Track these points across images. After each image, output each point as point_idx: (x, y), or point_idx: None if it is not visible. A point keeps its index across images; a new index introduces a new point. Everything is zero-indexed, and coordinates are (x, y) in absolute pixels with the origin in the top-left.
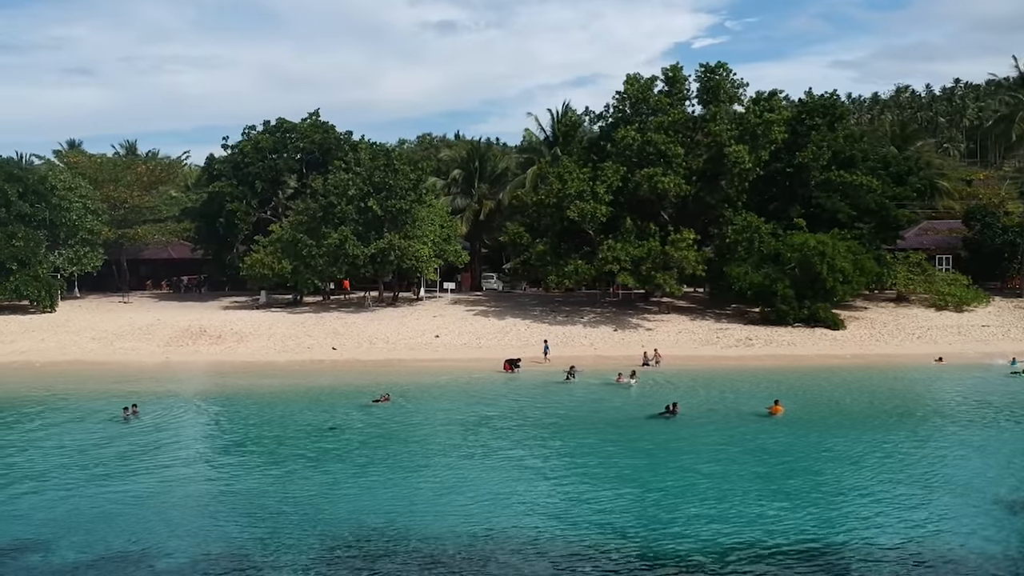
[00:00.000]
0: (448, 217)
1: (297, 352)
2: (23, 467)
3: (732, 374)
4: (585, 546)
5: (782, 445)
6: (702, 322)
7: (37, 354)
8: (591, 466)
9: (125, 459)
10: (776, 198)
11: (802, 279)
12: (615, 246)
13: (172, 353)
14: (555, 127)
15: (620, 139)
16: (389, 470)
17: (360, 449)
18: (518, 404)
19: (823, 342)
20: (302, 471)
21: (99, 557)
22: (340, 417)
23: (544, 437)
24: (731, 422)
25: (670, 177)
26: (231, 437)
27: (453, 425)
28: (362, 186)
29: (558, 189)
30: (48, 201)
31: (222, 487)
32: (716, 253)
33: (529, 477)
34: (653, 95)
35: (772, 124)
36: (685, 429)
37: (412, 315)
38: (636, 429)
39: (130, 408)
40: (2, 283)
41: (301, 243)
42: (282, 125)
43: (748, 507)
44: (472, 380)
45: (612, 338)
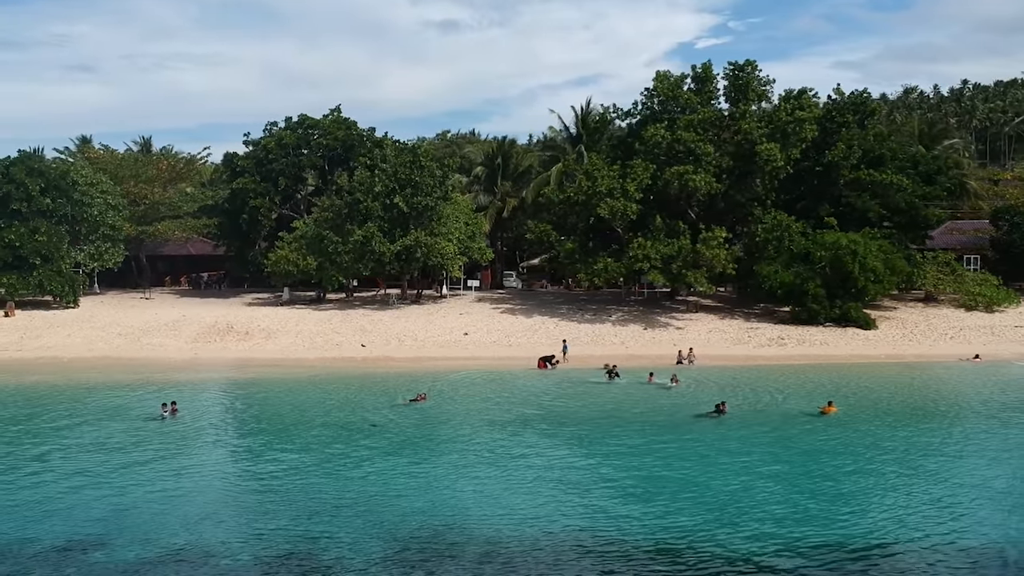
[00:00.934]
0: (473, 214)
1: (326, 349)
2: (69, 466)
3: (770, 373)
4: (654, 548)
5: (842, 445)
6: (732, 321)
7: (63, 349)
8: (649, 467)
9: (170, 457)
10: (804, 196)
11: (833, 278)
12: (645, 244)
13: (200, 349)
14: (578, 125)
15: (649, 137)
16: (440, 469)
17: (406, 448)
18: (558, 403)
19: (856, 342)
20: (351, 470)
21: (160, 555)
22: (380, 416)
23: (592, 437)
24: (784, 422)
25: (701, 175)
26: (274, 435)
27: (497, 425)
28: (388, 182)
29: (588, 187)
30: (69, 196)
31: (274, 485)
32: (745, 252)
33: (583, 478)
34: (683, 93)
35: (804, 122)
36: (737, 430)
37: (438, 313)
38: (687, 429)
39: (169, 405)
40: (25, 278)
41: (327, 239)
42: (304, 121)
43: (817, 508)
44: (507, 378)
45: (642, 337)
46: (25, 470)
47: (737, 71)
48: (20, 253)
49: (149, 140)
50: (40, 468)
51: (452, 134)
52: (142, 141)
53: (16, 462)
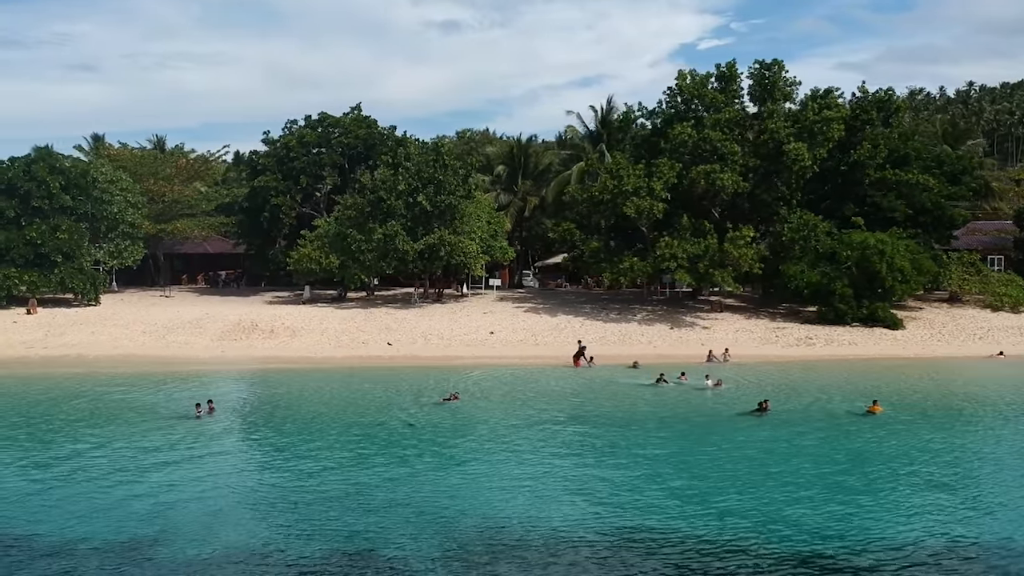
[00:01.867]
0: (495, 213)
1: (353, 348)
2: (110, 465)
3: (805, 372)
4: (717, 548)
5: (897, 445)
6: (757, 321)
7: (89, 347)
8: (699, 467)
9: (212, 455)
10: (828, 196)
11: (859, 278)
12: (672, 243)
13: (226, 347)
14: (599, 124)
15: (676, 135)
16: (487, 468)
17: (448, 448)
18: (595, 402)
19: (884, 342)
20: (396, 468)
21: (218, 554)
22: (415, 415)
23: (635, 436)
24: (830, 422)
25: (728, 174)
26: (313, 434)
27: (536, 424)
28: (411, 181)
29: (613, 186)
30: (89, 194)
31: (322, 483)
32: (770, 251)
33: (633, 478)
34: (708, 92)
35: (831, 121)
36: (784, 429)
37: (462, 311)
38: (732, 429)
39: (205, 404)
40: (47, 275)
41: (350, 238)
42: (325, 119)
43: (877, 511)
44: (539, 377)
45: (669, 336)
46: (65, 468)
47: (764, 70)
48: (42, 251)
49: (163, 139)
50: (80, 466)
51: (471, 132)
52: (156, 140)
53: (57, 461)
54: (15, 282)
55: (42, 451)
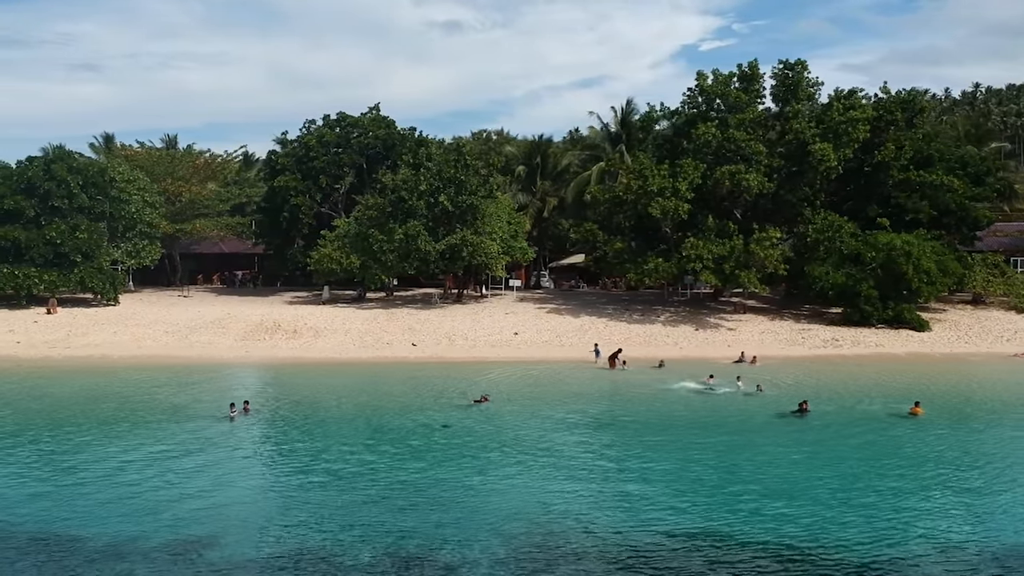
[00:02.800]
0: (515, 213)
1: (377, 348)
2: (155, 465)
3: (837, 374)
4: (773, 552)
5: (944, 448)
6: (782, 322)
7: (113, 347)
8: (751, 472)
9: (253, 455)
10: (851, 197)
11: (885, 279)
12: (698, 244)
13: (251, 348)
14: (618, 124)
15: (700, 135)
16: (533, 469)
17: (488, 450)
18: (632, 405)
19: (912, 344)
20: (441, 468)
21: (273, 555)
22: (448, 416)
23: (676, 440)
24: (872, 424)
25: (753, 174)
26: (352, 436)
27: (573, 428)
28: (433, 181)
29: (638, 186)
30: (107, 193)
31: (369, 484)
32: (794, 252)
33: (681, 482)
34: (732, 91)
35: (857, 122)
36: (828, 432)
37: (484, 312)
38: (774, 431)
39: (239, 405)
40: (66, 275)
41: (372, 238)
42: (344, 119)
43: (940, 515)
44: (568, 378)
45: (695, 338)
46: (108, 469)
47: (786, 70)
48: (61, 250)
49: (175, 138)
50: (123, 467)
51: (488, 133)
52: (167, 139)
53: (99, 462)
54: (34, 281)
55: (84, 453)
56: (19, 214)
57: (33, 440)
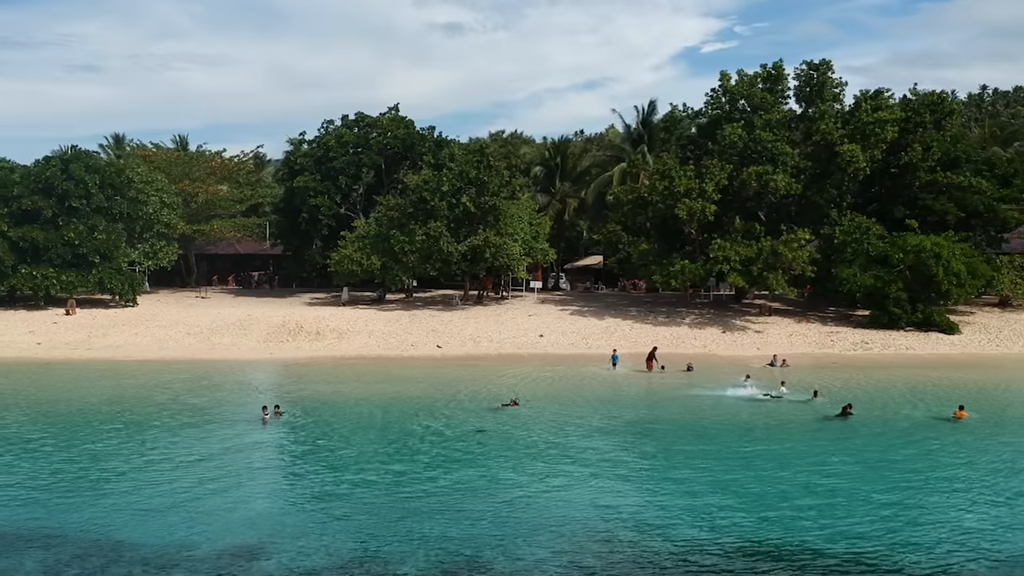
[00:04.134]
0: (536, 214)
1: (402, 350)
2: (195, 471)
3: (872, 377)
4: (839, 561)
5: (1004, 455)
6: (809, 324)
7: (135, 349)
8: (803, 481)
9: (293, 460)
10: (876, 198)
11: (913, 282)
12: (725, 245)
13: (274, 350)
14: (640, 125)
15: (726, 136)
16: (568, 478)
17: (526, 460)
18: (669, 410)
19: (942, 347)
20: (476, 474)
21: (331, 564)
22: (482, 420)
23: (721, 446)
24: (919, 430)
25: (781, 176)
26: (387, 439)
27: (610, 433)
28: (455, 182)
29: (664, 187)
30: (124, 194)
31: (420, 489)
32: (820, 253)
33: (733, 489)
34: (757, 92)
35: (886, 123)
36: (879, 439)
37: (506, 314)
38: (822, 439)
39: (271, 409)
40: (85, 276)
41: (394, 239)
42: (362, 119)
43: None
44: (598, 381)
45: (722, 340)
46: (149, 475)
47: (811, 71)
48: (79, 251)
49: (186, 139)
50: (164, 472)
51: (508, 134)
52: (178, 139)
53: (139, 468)
54: (52, 282)
55: (115, 459)
56: (37, 214)
57: (68, 444)
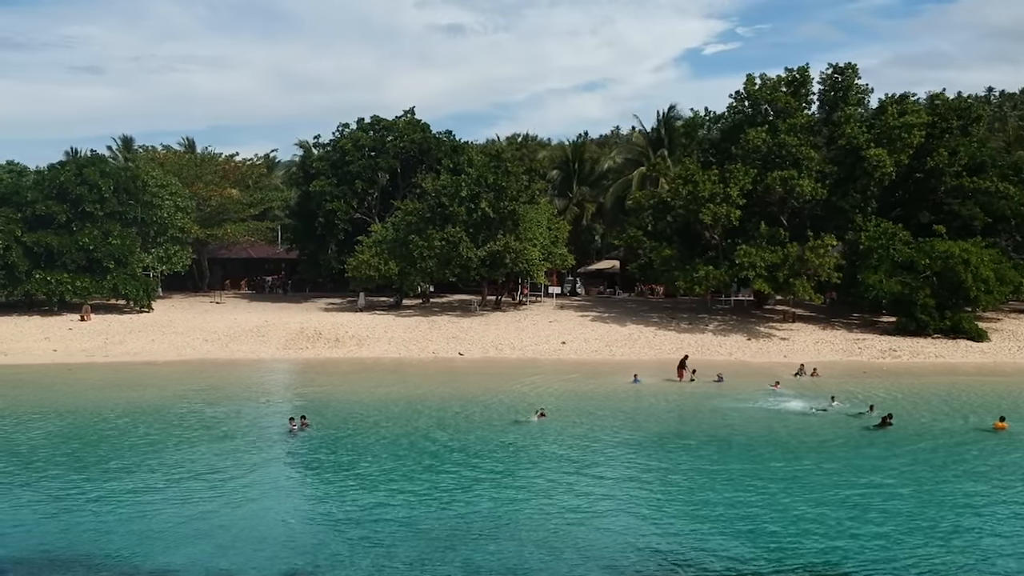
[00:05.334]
0: (555, 219)
1: (423, 357)
2: (230, 489)
3: (904, 386)
4: None
5: None
6: (834, 331)
7: (153, 356)
8: (856, 499)
9: (330, 475)
10: (900, 203)
11: (940, 288)
12: (751, 251)
13: (294, 357)
14: (659, 128)
15: (749, 140)
16: (601, 494)
17: (566, 479)
18: (702, 422)
19: (971, 354)
20: (509, 490)
21: None
22: (510, 434)
23: (762, 460)
24: (961, 442)
25: (806, 180)
26: (417, 452)
27: (643, 448)
28: (473, 187)
29: (687, 191)
30: (139, 198)
31: (450, 509)
32: (845, 259)
33: (779, 504)
34: (781, 96)
35: (913, 127)
36: (923, 454)
37: (526, 320)
38: (865, 452)
39: (298, 419)
40: (99, 281)
41: (412, 244)
42: (378, 122)
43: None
44: (626, 392)
45: (748, 347)
46: (180, 493)
47: (836, 74)
48: (94, 256)
49: (193, 141)
50: (198, 491)
51: (522, 137)
52: (186, 142)
53: (171, 485)
54: (67, 288)
55: (145, 473)
56: (51, 219)
57: (99, 460)
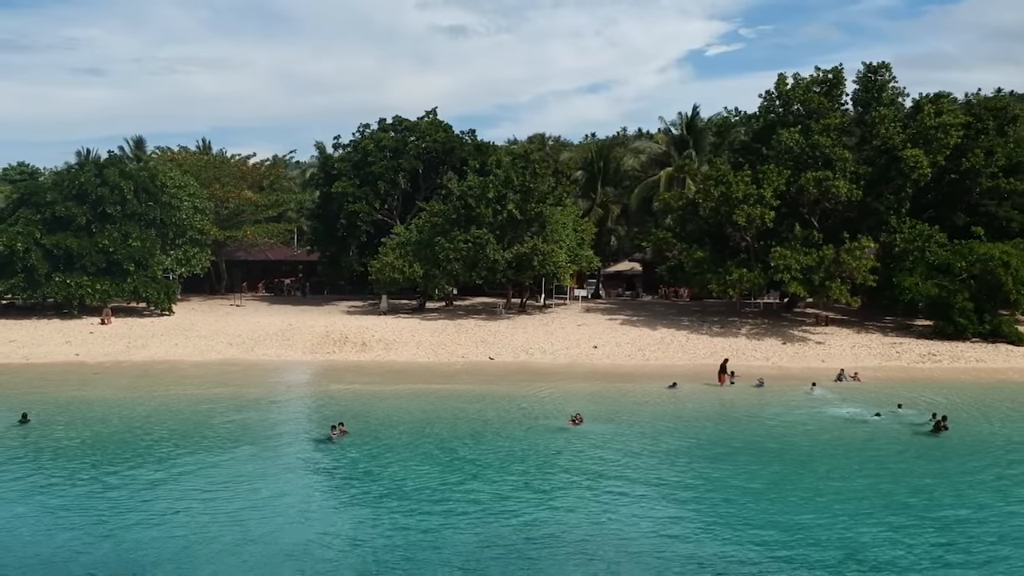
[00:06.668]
0: (580, 220)
1: (453, 361)
2: (277, 502)
3: (948, 391)
4: None
5: None
6: (870, 335)
7: (178, 358)
8: (929, 523)
9: (375, 491)
10: (933, 204)
11: (979, 291)
12: (786, 253)
13: (321, 360)
14: (683, 129)
15: (782, 141)
16: (648, 505)
17: (617, 495)
18: (750, 431)
19: (1014, 358)
20: (580, 513)
21: None
22: (554, 441)
23: (815, 469)
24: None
25: (842, 181)
26: (457, 460)
27: (697, 462)
28: (501, 188)
29: (720, 192)
30: (158, 199)
31: (499, 523)
32: (879, 262)
33: (841, 517)
34: (814, 97)
35: (951, 127)
36: (988, 470)
37: (554, 323)
38: (925, 466)
39: (337, 427)
40: (119, 284)
41: (438, 246)
42: (400, 123)
43: None
44: (670, 399)
45: (784, 351)
46: (231, 506)
47: (870, 73)
48: (114, 258)
49: (209, 143)
50: (251, 504)
51: (545, 136)
52: (201, 143)
53: (209, 497)
54: (87, 290)
55: (185, 482)
56: (69, 221)
57: (136, 466)
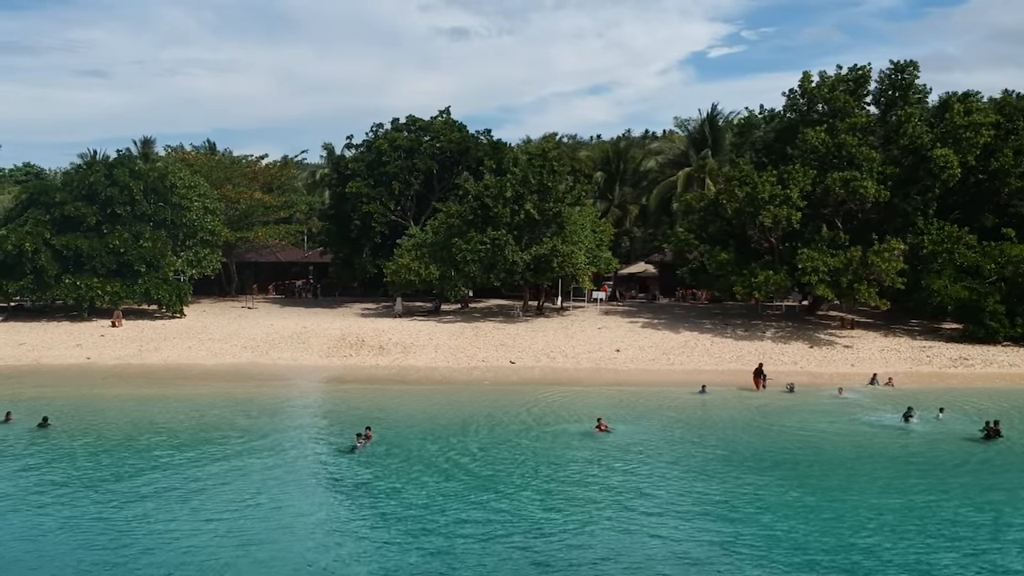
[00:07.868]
0: (599, 221)
1: (473, 365)
2: (313, 517)
3: (986, 396)
4: None
5: None
6: (898, 339)
7: (192, 362)
8: (963, 517)
9: (406, 501)
10: (959, 205)
11: (1009, 293)
12: (813, 255)
13: (338, 364)
14: (704, 129)
15: (807, 140)
16: (680, 518)
17: (651, 509)
18: (779, 437)
19: None
20: (620, 529)
21: None
22: (584, 449)
23: (860, 479)
24: None
25: (870, 182)
26: (485, 469)
27: (735, 466)
28: (518, 188)
29: (745, 193)
30: (168, 200)
31: (536, 538)
32: (907, 263)
33: (893, 532)
34: (839, 96)
35: (981, 127)
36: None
37: (574, 326)
38: (984, 480)
39: (363, 434)
40: (130, 286)
41: (455, 247)
42: (414, 123)
43: None
44: (701, 405)
45: (812, 355)
46: (267, 520)
47: (896, 72)
48: (125, 260)
49: (213, 144)
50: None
51: (560, 136)
52: (208, 144)
53: (246, 503)
54: (97, 292)
55: (215, 489)
56: (79, 221)
57: (168, 471)
